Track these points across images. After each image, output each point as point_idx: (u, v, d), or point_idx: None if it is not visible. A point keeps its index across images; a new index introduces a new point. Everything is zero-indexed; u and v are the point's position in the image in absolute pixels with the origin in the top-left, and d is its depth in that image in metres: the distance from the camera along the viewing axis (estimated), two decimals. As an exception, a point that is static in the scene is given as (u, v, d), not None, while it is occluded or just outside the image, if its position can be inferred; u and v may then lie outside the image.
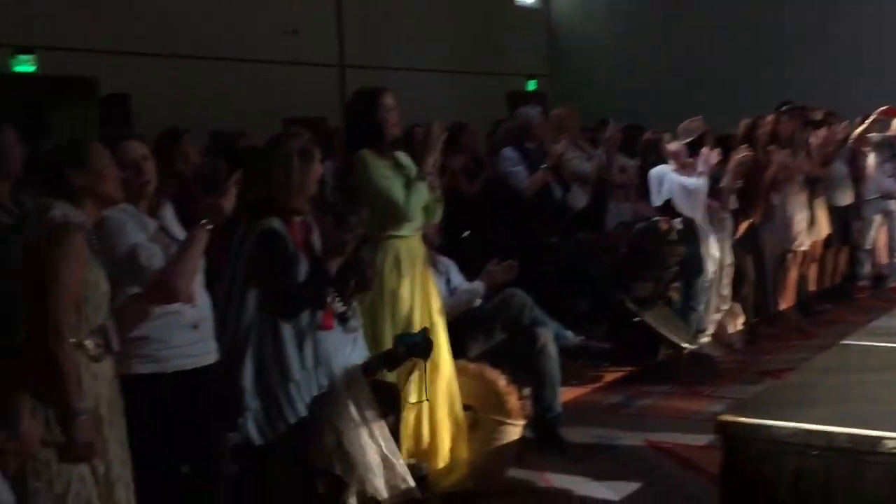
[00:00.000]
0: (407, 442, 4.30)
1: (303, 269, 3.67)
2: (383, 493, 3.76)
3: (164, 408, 3.31)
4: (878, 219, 9.24)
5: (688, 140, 7.05)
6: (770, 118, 8.12)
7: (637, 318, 6.54)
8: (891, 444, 2.92)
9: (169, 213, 3.57)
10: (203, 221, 3.30)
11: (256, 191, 3.68)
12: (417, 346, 4.00)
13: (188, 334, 3.39)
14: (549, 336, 5.19)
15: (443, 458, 4.43)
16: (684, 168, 6.84)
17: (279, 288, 3.61)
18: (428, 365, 4.27)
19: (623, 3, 19.06)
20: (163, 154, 4.37)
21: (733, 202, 7.18)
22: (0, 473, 2.67)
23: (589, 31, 19.50)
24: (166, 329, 3.34)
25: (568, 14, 19.93)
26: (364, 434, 3.74)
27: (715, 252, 6.87)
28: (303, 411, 3.65)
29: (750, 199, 7.41)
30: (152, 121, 7.64)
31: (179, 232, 3.50)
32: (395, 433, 3.97)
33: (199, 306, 3.43)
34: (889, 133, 9.29)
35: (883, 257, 9.44)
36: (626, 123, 8.67)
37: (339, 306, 3.89)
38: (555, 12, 20.17)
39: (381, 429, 3.80)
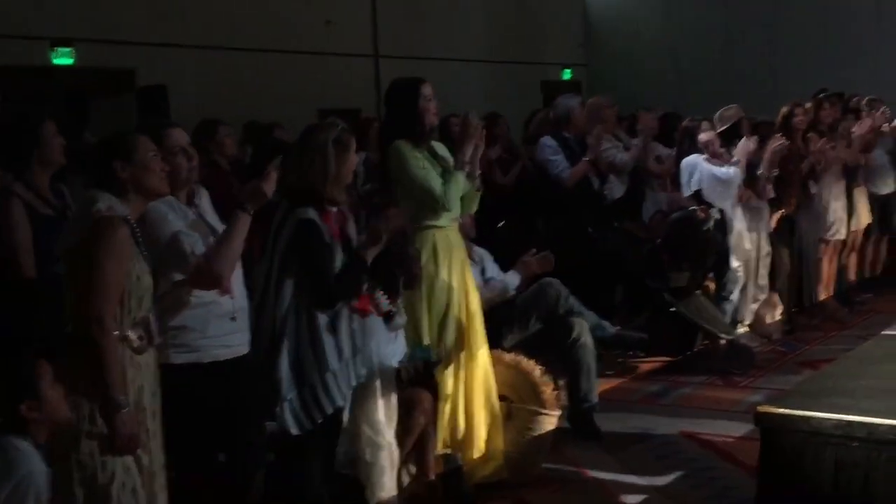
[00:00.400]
0: (443, 432, 4.31)
1: (339, 259, 3.68)
2: (393, 491, 3.83)
3: (201, 398, 3.33)
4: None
5: (722, 128, 6.99)
6: (809, 105, 8.03)
7: (674, 309, 6.50)
8: (934, 435, 2.89)
9: (206, 202, 3.60)
10: (245, 205, 3.31)
11: (293, 180, 3.69)
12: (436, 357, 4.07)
13: (226, 324, 3.42)
14: (585, 326, 5.17)
15: (478, 449, 4.44)
16: (717, 157, 6.78)
17: (315, 278, 3.62)
18: (464, 356, 4.30)
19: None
20: (199, 145, 4.40)
21: (770, 191, 7.11)
22: (31, 443, 2.70)
23: (625, 18, 19.38)
24: (203, 319, 3.37)
25: (604, 2, 19.82)
26: (384, 437, 3.82)
27: (746, 243, 6.79)
28: (340, 401, 3.66)
29: (786, 188, 7.33)
30: (189, 112, 7.71)
31: (216, 221, 3.53)
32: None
33: (236, 297, 3.45)
34: (932, 121, 9.14)
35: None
36: (664, 112, 8.63)
37: (385, 304, 3.91)
38: (590, 0, 20.08)
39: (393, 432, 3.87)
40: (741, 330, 6.89)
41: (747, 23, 17.87)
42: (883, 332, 4.31)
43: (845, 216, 8.09)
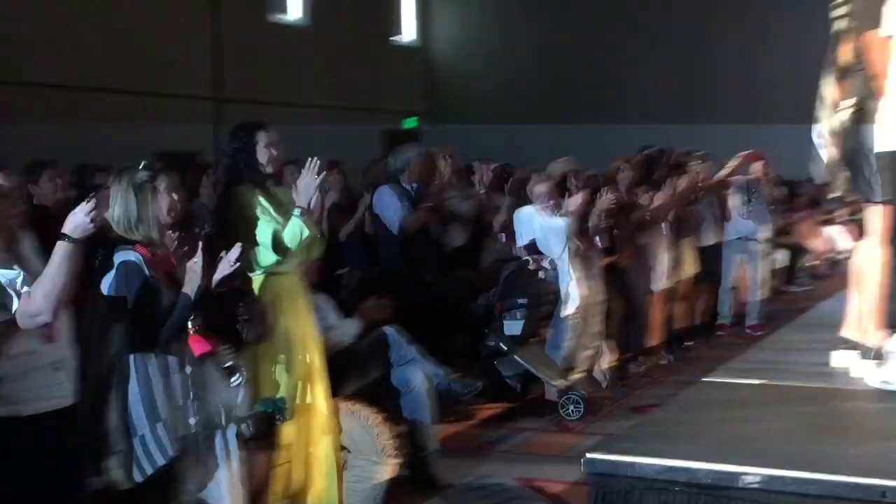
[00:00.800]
0: (280, 483, 4.25)
1: (166, 301, 3.60)
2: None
3: (19, 452, 3.18)
4: (740, 259, 9.61)
5: (555, 180, 7.22)
6: (636, 160, 8.41)
7: (510, 356, 6.63)
8: (749, 479, 3.03)
9: (28, 247, 3.45)
10: (67, 236, 3.17)
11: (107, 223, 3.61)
12: (279, 411, 4.01)
13: (48, 375, 3.27)
14: (424, 374, 5.21)
15: (316, 499, 4.39)
16: (550, 208, 7.01)
17: (141, 320, 3.53)
18: (304, 405, 4.26)
19: (502, 45, 19.43)
20: (24, 187, 4.24)
21: (601, 242, 7.38)
22: None
23: (468, 71, 19.79)
24: (23, 369, 3.22)
25: (447, 53, 20.18)
26: (226, 481, 3.72)
27: (579, 292, 7.02)
28: (172, 452, 3.56)
29: (618, 238, 7.63)
30: (19, 152, 7.42)
31: (39, 264, 3.40)
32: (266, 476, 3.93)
33: (61, 345, 3.32)
34: (750, 176, 9.70)
35: (745, 296, 9.80)
36: (502, 163, 8.85)
37: (226, 358, 3.84)
38: (434, 51, 20.40)
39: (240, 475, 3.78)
40: (574, 376, 7.08)
41: (583, 81, 18.55)
42: (703, 379, 4.50)
43: (673, 266, 8.45)
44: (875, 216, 4.39)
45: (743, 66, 17.51)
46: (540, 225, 6.95)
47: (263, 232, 4.26)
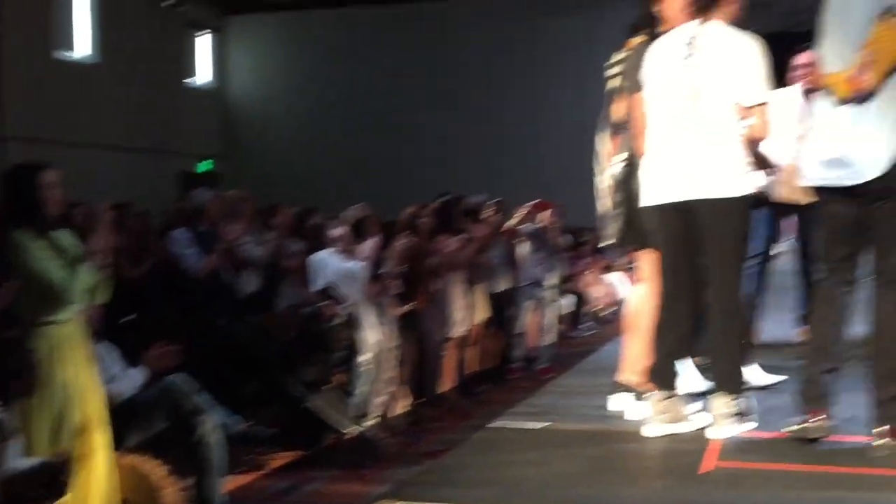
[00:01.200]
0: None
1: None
2: None
3: None
4: (529, 305, 9.93)
5: (351, 225, 7.28)
6: (432, 207, 8.59)
7: (303, 403, 6.58)
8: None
9: None
10: None
11: None
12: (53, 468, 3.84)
13: None
14: (213, 423, 5.10)
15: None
16: (346, 253, 7.05)
17: None
18: (83, 460, 4.08)
19: (300, 88, 19.44)
20: None
21: (396, 287, 7.47)
22: None
23: (266, 113, 19.67)
24: None
25: (244, 95, 19.99)
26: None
27: (374, 337, 7.06)
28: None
29: (412, 284, 7.74)
30: None
31: None
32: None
33: None
34: (539, 225, 10.07)
35: (534, 341, 10.11)
36: (301, 208, 8.83)
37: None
38: (231, 93, 20.18)
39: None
40: (368, 423, 7.09)
41: (381, 127, 18.79)
42: (489, 424, 4.63)
43: (466, 312, 8.63)
44: (645, 264, 4.67)
45: (531, 120, 18.21)
46: (335, 270, 6.97)
47: (41, 278, 4.08)
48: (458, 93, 18.47)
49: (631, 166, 4.55)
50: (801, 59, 6.31)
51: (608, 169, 4.72)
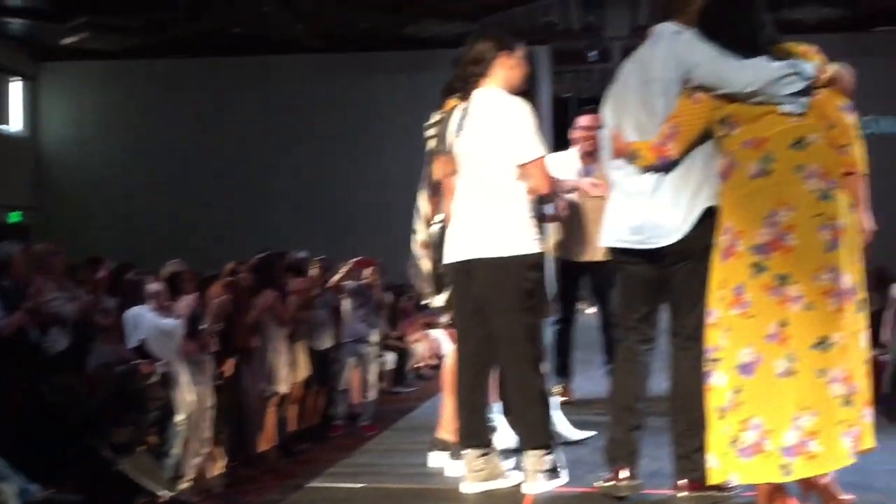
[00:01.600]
0: None
1: None
2: None
3: None
4: (352, 361, 9.89)
5: (167, 281, 7.11)
6: (253, 262, 8.49)
7: (114, 466, 6.32)
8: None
9: None
10: None
11: None
12: None
13: None
14: (12, 491, 4.84)
15: None
16: (162, 309, 6.87)
17: None
18: None
19: (114, 137, 18.94)
20: None
21: (214, 344, 7.32)
22: None
23: (79, 163, 19.05)
24: None
25: (57, 145, 19.31)
26: None
27: (190, 396, 6.88)
28: None
29: (231, 341, 7.60)
30: None
31: None
32: None
33: None
34: (363, 281, 10.09)
35: (357, 398, 10.07)
36: (116, 262, 8.55)
37: None
38: (42, 143, 19.46)
39: None
40: (183, 485, 6.87)
41: (199, 180, 18.49)
42: (309, 484, 4.58)
43: (288, 369, 8.52)
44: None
45: (357, 178, 18.31)
46: (150, 326, 6.78)
47: None
48: (282, 146, 18.40)
49: (444, 227, 4.65)
50: (582, 121, 6.63)
51: (427, 229, 4.80)
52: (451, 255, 4.36)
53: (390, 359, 11.70)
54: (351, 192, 18.11)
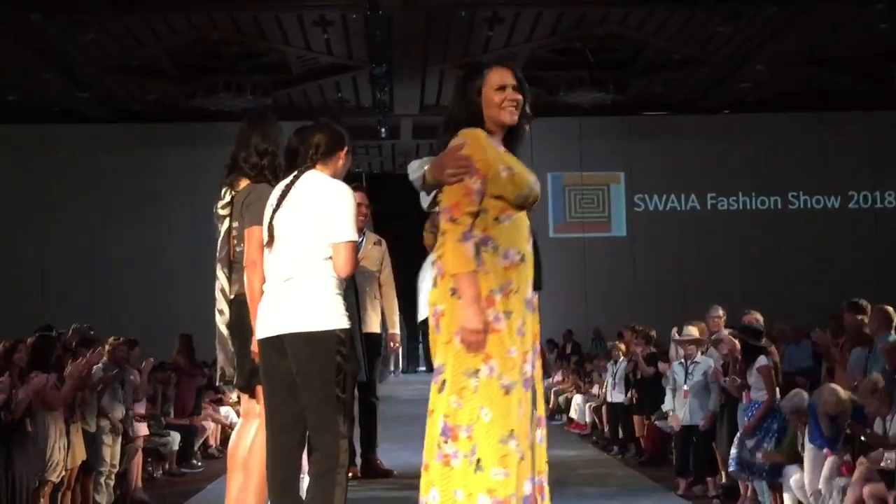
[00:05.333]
0: None
1: None
2: None
3: None
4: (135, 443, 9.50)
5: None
6: (30, 341, 8.08)
7: None
8: None
9: None
10: None
11: None
12: None
13: None
14: None
15: None
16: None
17: None
18: None
19: None
20: None
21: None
22: None
23: None
24: None
25: None
26: None
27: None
28: None
29: (3, 424, 7.16)
30: None
31: None
32: None
33: None
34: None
35: (137, 481, 9.66)
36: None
37: None
38: None
39: None
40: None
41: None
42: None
43: (63, 453, 8.08)
44: (246, 402, 4.76)
45: (141, 252, 17.79)
46: None
47: None
48: (63, 219, 17.65)
49: (242, 304, 4.64)
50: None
51: (229, 307, 4.79)
52: (262, 331, 4.36)
53: (178, 438, 11.30)
54: (139, 266, 17.56)
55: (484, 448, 3.62)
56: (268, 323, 4.33)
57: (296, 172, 4.43)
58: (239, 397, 5.47)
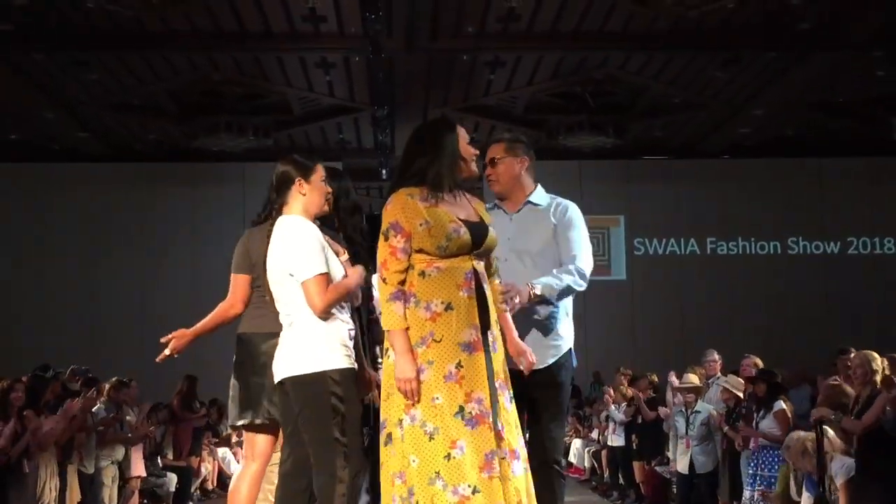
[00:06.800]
0: None
1: None
2: None
3: None
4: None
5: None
6: (25, 380, 8.04)
7: None
8: None
9: None
10: None
11: None
12: None
13: None
14: None
15: None
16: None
17: None
18: None
19: None
20: None
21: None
22: None
23: None
24: None
25: None
26: None
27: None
28: None
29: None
30: None
31: None
32: None
33: None
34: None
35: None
36: None
37: None
38: None
39: None
40: None
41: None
42: None
43: (57, 494, 8.03)
44: (248, 444, 4.74)
45: (137, 291, 17.72)
46: None
47: None
48: (62, 256, 17.59)
49: (244, 343, 4.67)
50: None
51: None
52: (275, 374, 4.38)
53: (175, 478, 11.20)
54: (136, 305, 17.47)
55: (418, 491, 3.85)
56: (275, 368, 4.37)
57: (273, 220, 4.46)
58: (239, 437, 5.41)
